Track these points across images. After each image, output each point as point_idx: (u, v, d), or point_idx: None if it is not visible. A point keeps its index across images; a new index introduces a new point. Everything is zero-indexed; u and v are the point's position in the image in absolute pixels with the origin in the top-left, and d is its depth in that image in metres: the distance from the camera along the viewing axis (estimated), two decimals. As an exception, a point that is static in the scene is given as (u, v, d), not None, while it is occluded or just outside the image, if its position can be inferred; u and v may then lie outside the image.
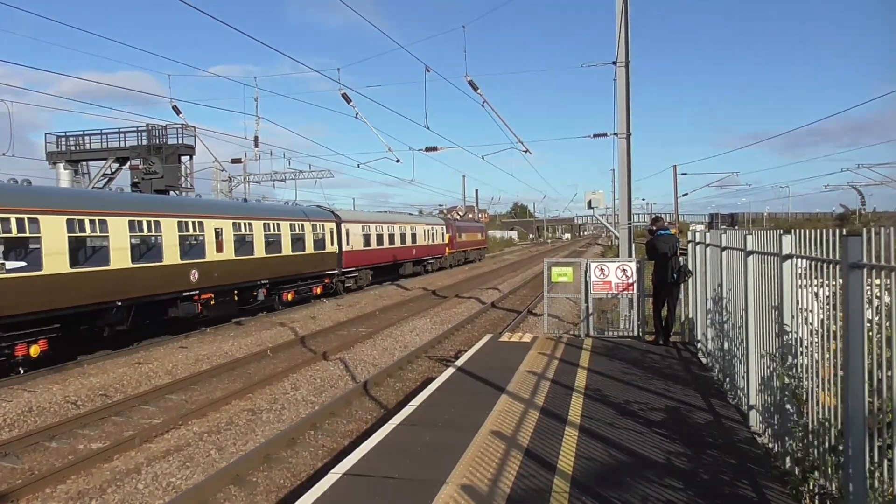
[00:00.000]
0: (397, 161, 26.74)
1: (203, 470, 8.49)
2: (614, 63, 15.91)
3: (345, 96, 20.45)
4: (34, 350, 13.90)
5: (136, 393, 12.38)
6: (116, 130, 34.99)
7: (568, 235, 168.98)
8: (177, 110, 25.09)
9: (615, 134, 16.45)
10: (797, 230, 5.22)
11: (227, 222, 21.06)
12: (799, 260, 5.22)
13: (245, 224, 22.10)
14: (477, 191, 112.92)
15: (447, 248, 47.42)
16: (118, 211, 16.68)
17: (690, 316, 11.76)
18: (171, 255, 18.22)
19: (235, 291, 21.40)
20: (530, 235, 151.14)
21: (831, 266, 4.39)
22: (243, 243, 21.94)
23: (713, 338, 9.36)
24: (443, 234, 46.79)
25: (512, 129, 29.75)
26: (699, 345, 10.71)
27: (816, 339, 4.72)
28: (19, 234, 13.91)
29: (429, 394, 8.41)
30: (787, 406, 5.34)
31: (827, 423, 4.46)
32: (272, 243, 23.46)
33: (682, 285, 11.75)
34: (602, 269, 12.74)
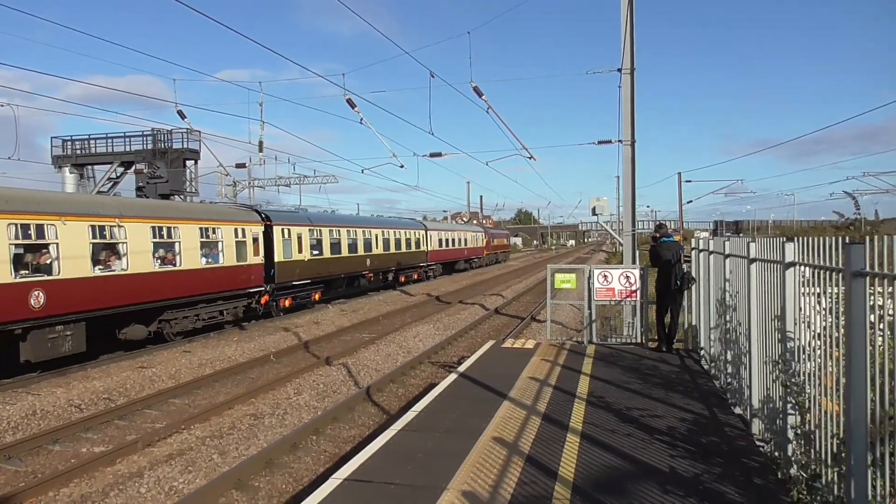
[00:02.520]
0: (402, 167, 26.81)
1: (205, 474, 8.50)
2: (619, 70, 15.92)
3: (349, 102, 20.50)
4: (317, 296, 27.00)
5: (139, 397, 12.40)
6: (122, 135, 35.09)
7: (572, 242, 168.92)
8: (182, 115, 25.12)
9: (620, 141, 16.44)
10: (800, 238, 5.21)
11: (379, 230, 34.53)
12: (802, 267, 5.21)
13: (387, 231, 35.76)
14: (481, 197, 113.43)
15: (485, 251, 59.44)
16: (343, 225, 30.38)
17: (693, 323, 11.74)
18: (361, 249, 31.50)
19: (381, 273, 34.36)
20: (534, 242, 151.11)
21: (834, 274, 4.38)
22: (386, 244, 35.12)
23: (716, 345, 9.34)
24: (482, 239, 59.05)
25: (516, 135, 29.88)
26: (702, 352, 10.69)
27: (819, 347, 4.71)
28: (318, 238, 27.21)
29: (431, 399, 8.41)
30: (790, 413, 5.32)
31: (829, 431, 4.45)
32: (397, 243, 36.81)
33: (685, 292, 11.73)
34: (605, 276, 12.72)
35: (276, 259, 23.37)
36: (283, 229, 24.24)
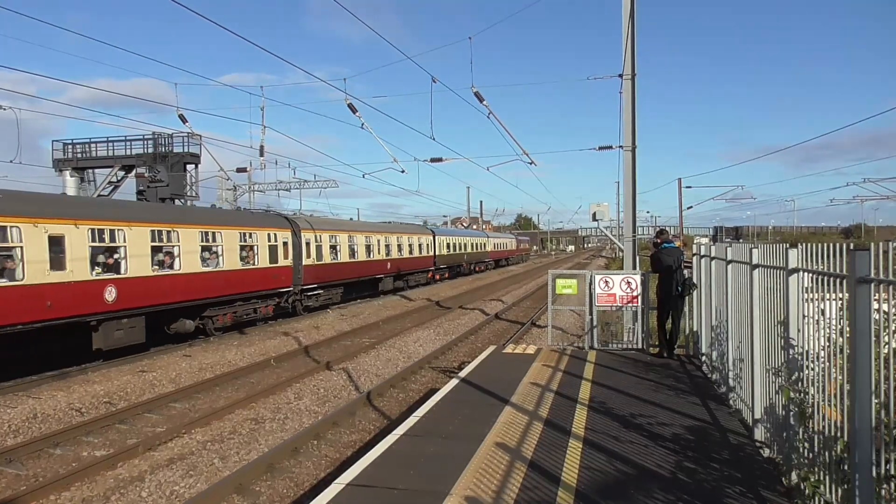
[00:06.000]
0: (403, 171, 26.86)
1: (206, 479, 8.49)
2: (620, 76, 15.95)
3: (350, 106, 20.48)
4: (447, 274, 48.61)
5: (139, 401, 12.39)
6: (123, 138, 35.07)
7: (572, 247, 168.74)
8: (183, 119, 25.10)
9: (620, 146, 16.47)
10: (804, 244, 5.22)
11: (469, 238, 54.86)
12: (805, 274, 5.22)
13: (472, 238, 56.42)
14: (482, 202, 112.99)
15: (515, 252, 78.76)
16: (456, 235, 53.22)
17: (695, 329, 11.74)
18: (463, 249, 51.83)
19: (469, 265, 54.25)
20: (534, 247, 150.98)
21: (838, 280, 4.39)
22: (472, 246, 54.71)
23: (718, 351, 9.34)
24: (514, 244, 78.61)
25: (517, 140, 29.61)
26: (703, 358, 10.69)
27: (823, 354, 4.71)
28: (447, 242, 48.87)
29: (432, 405, 8.40)
30: (793, 420, 5.32)
31: (833, 438, 4.45)
32: (476, 245, 56.48)
33: (686, 298, 11.74)
34: (606, 282, 12.73)
35: (437, 253, 44.54)
36: (439, 238, 45.67)
